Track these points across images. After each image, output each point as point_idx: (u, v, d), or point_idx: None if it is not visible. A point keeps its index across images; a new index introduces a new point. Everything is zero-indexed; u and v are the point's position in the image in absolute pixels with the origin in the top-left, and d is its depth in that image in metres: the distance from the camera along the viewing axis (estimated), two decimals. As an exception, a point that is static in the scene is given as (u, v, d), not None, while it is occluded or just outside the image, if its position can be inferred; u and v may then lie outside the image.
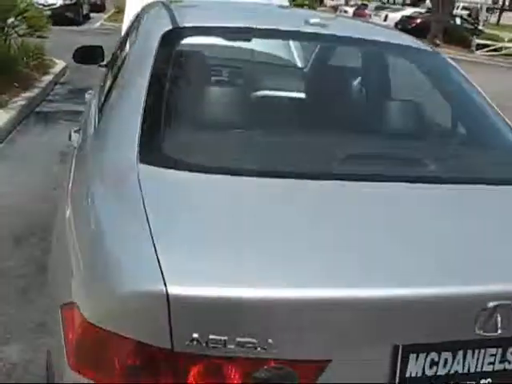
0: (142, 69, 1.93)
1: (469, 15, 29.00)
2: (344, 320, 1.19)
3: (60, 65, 8.95)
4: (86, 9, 18.64)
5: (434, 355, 1.26)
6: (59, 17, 10.12)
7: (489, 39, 22.49)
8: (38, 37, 8.45)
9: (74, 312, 1.23)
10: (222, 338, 1.11)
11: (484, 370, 1.30)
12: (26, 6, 8.27)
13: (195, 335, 1.10)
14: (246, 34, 2.27)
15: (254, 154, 1.74)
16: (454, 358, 1.27)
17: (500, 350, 1.31)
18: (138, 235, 1.27)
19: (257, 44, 2.65)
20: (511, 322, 1.24)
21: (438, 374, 1.27)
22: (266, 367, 1.14)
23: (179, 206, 1.43)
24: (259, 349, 1.12)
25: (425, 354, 1.25)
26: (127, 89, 1.96)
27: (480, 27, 26.75)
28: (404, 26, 25.25)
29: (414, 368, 1.25)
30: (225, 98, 2.11)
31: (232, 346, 1.11)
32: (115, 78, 2.28)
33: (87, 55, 3.33)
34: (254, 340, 1.11)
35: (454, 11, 25.81)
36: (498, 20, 35.13)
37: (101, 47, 3.36)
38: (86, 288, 1.27)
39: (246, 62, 2.74)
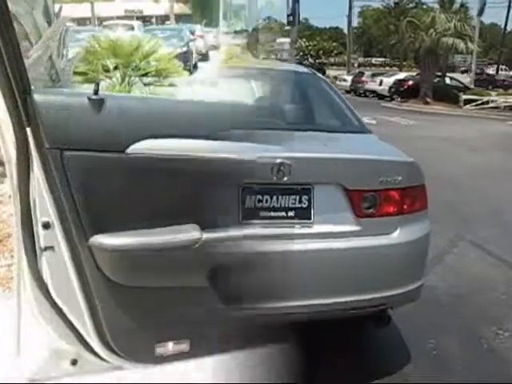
0: None
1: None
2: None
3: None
4: (194, 58, 17.63)
5: (259, 197, 2.52)
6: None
7: (477, 95, 24.06)
8: (170, 85, 6.53)
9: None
10: None
11: (290, 206, 2.56)
12: (152, 45, 6.78)
13: None
14: None
15: None
16: (271, 198, 2.53)
17: (298, 196, 2.56)
18: None
19: None
20: (291, 173, 2.48)
21: (263, 206, 2.52)
22: None
23: None
24: None
25: (254, 196, 2.51)
26: None
27: (472, 86, 28.45)
28: (397, 88, 27.22)
29: (249, 202, 2.51)
30: None
31: None
32: None
33: None
34: None
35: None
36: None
37: None
38: None
39: None
